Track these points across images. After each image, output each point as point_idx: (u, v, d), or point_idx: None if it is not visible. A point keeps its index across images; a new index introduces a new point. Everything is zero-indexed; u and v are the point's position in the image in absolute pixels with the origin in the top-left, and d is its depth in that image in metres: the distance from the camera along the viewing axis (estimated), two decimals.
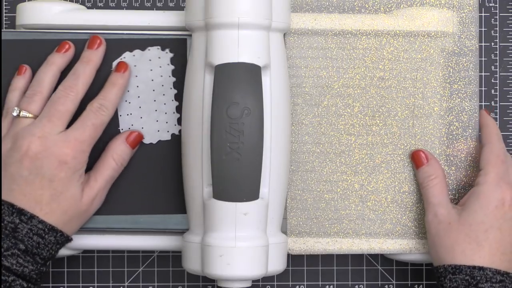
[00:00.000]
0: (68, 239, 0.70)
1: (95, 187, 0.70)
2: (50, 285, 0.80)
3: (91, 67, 0.71)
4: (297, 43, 0.74)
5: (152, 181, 0.74)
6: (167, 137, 0.74)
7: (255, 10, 0.67)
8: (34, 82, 0.71)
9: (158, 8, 0.80)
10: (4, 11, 0.80)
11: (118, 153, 0.72)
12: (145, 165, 0.74)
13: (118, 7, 0.80)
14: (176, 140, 0.73)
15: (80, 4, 0.80)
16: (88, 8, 0.79)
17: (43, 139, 0.68)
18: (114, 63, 0.73)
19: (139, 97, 0.74)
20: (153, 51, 0.73)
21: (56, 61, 0.72)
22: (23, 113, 0.69)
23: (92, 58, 0.71)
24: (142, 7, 0.80)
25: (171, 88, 0.73)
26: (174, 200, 0.73)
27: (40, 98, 0.70)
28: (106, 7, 0.80)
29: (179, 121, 0.73)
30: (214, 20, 0.67)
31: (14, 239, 0.66)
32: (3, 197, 0.67)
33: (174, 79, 0.73)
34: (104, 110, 0.70)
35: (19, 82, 0.72)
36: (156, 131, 0.74)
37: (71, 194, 0.69)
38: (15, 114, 0.70)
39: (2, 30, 0.75)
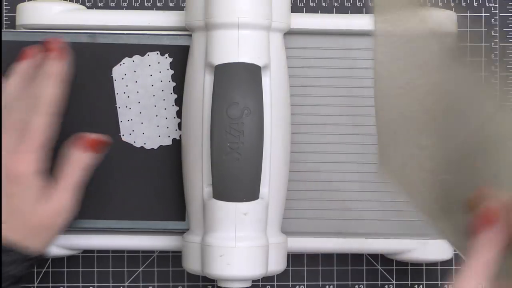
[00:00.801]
0: (39, 256, 0.67)
1: (56, 199, 0.68)
2: (50, 285, 0.80)
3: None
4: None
5: (153, 187, 0.73)
6: (168, 142, 0.74)
7: (255, 10, 0.67)
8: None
9: (158, 8, 0.80)
10: (4, 11, 0.80)
11: (78, 160, 0.69)
12: (145, 171, 0.74)
13: (118, 7, 0.80)
14: (177, 145, 0.73)
15: (80, 4, 0.80)
16: (88, 8, 0.79)
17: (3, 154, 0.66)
18: (114, 69, 0.73)
19: (139, 102, 0.74)
20: (152, 56, 0.73)
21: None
22: None
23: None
24: (142, 7, 0.80)
25: (171, 93, 0.73)
26: (175, 206, 0.73)
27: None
28: (106, 7, 0.80)
29: (180, 126, 0.73)
30: (214, 20, 0.67)
31: None
32: None
33: (174, 84, 0.73)
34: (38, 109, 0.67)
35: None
36: (157, 136, 0.74)
37: (29, 208, 0.66)
38: None
39: (2, 30, 0.75)
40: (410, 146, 0.61)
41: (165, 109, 0.73)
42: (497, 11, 0.81)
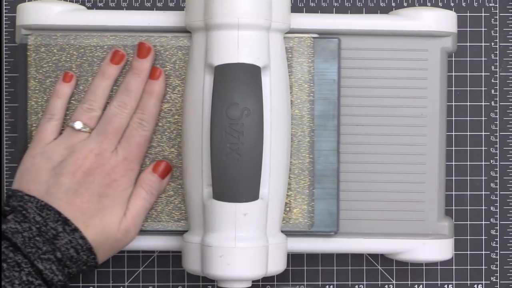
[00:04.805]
0: (96, 266, 0.69)
1: (129, 215, 0.70)
2: None
3: (142, 79, 0.72)
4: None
5: None
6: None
7: (254, 11, 0.67)
8: (92, 96, 0.71)
9: (158, 8, 0.80)
10: (4, 11, 0.80)
11: (147, 182, 0.71)
12: None
13: (118, 7, 0.80)
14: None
15: (80, 4, 0.80)
16: (88, 8, 0.79)
17: (99, 156, 0.69)
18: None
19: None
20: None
21: (113, 73, 0.72)
22: (83, 128, 0.70)
23: (143, 67, 0.72)
24: (142, 7, 0.80)
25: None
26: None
27: (98, 114, 0.71)
28: (106, 7, 0.80)
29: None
30: (214, 21, 0.67)
31: (53, 245, 0.66)
32: (48, 202, 0.68)
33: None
34: (144, 125, 0.71)
35: (65, 89, 0.72)
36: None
37: (114, 212, 0.69)
38: (78, 127, 0.70)
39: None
40: None
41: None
42: (497, 11, 0.81)
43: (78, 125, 0.70)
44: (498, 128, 0.80)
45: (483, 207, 0.81)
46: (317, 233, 0.74)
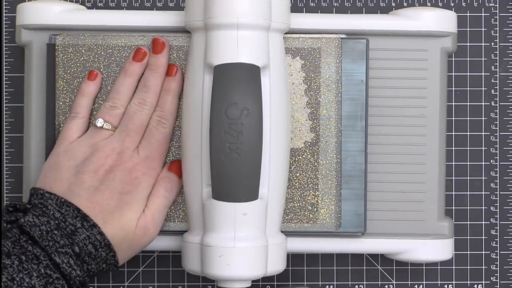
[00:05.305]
0: (116, 265, 0.69)
1: (147, 213, 0.70)
2: None
3: (160, 75, 0.72)
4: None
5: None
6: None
7: (254, 11, 0.67)
8: (115, 94, 0.72)
9: (158, 8, 0.80)
10: (4, 11, 0.80)
11: (165, 180, 0.71)
12: None
13: (118, 7, 0.80)
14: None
15: (80, 4, 0.80)
16: (88, 8, 0.79)
17: (121, 154, 0.69)
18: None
19: None
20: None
21: (135, 71, 0.72)
22: (105, 126, 0.70)
23: (159, 63, 0.72)
24: (142, 7, 0.80)
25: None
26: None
27: (121, 112, 0.71)
28: (106, 7, 0.80)
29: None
30: (213, 21, 0.67)
31: (71, 239, 0.66)
32: (68, 199, 0.68)
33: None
34: (164, 122, 0.71)
35: (90, 88, 0.72)
36: None
37: (133, 209, 0.69)
38: (99, 125, 0.70)
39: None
40: None
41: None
42: (497, 11, 0.81)
43: (99, 122, 0.70)
44: (498, 128, 0.80)
45: (483, 207, 0.81)
46: (344, 234, 0.74)
